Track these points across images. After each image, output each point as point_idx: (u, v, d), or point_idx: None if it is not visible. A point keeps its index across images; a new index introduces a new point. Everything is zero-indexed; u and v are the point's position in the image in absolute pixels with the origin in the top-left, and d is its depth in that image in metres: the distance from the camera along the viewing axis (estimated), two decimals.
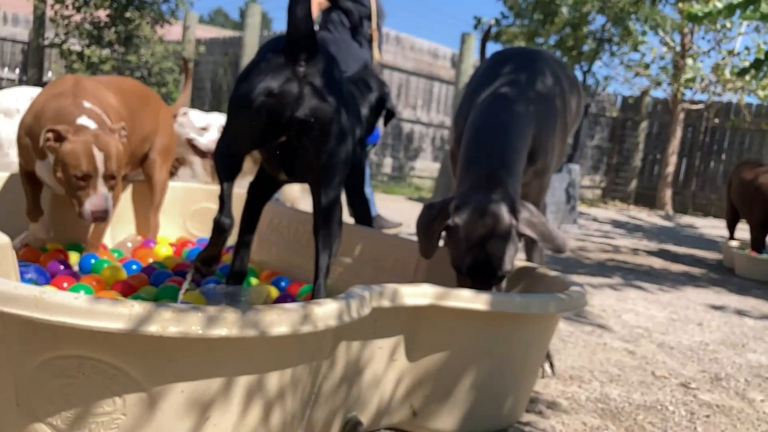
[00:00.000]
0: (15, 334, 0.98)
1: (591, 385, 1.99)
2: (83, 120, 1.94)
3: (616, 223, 7.75)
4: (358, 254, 2.30)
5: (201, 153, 3.30)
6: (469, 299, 1.37)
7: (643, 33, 9.66)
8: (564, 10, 8.56)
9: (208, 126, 3.32)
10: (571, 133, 2.23)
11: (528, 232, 1.60)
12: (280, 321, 1.01)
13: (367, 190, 3.63)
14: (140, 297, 1.87)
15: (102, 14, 8.26)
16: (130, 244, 2.60)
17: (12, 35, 10.14)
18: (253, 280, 2.19)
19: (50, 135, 1.87)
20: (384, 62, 9.42)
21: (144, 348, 0.97)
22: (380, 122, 2.21)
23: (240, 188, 1.86)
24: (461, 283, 1.61)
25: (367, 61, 3.69)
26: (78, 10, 8.07)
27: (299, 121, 1.45)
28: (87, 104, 2.03)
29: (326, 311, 1.09)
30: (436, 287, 1.38)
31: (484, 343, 1.45)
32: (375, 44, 4.02)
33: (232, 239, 2.59)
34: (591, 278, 3.80)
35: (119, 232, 2.71)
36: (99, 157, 1.88)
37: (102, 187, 1.90)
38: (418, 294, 1.35)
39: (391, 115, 2.36)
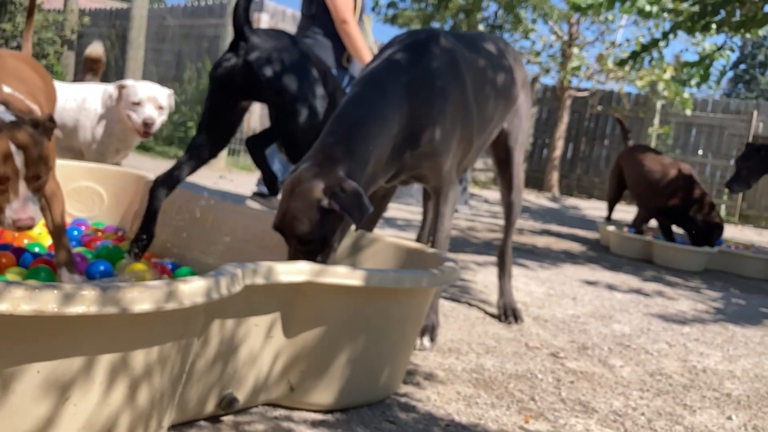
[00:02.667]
0: None
1: (468, 356, 2.08)
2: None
3: None
4: (241, 233, 2.28)
5: (138, 132, 3.09)
6: (344, 275, 1.40)
7: (533, 21, 10.04)
8: None
9: (141, 101, 3.07)
10: (495, 121, 2.26)
11: (333, 206, 1.63)
12: (142, 298, 1.00)
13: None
14: (3, 279, 1.77)
15: None
16: None
17: None
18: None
19: None
20: None
21: None
22: None
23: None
24: None
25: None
26: None
27: (246, 83, 2.07)
28: (7, 89, 1.72)
29: (193, 288, 1.08)
30: (312, 264, 1.40)
31: (360, 318, 1.49)
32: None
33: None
34: (476, 256, 3.96)
35: None
36: (18, 155, 1.56)
37: (24, 191, 1.59)
38: (293, 271, 1.36)
39: None
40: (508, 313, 2.56)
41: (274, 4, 9.08)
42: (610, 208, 5.42)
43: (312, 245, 1.67)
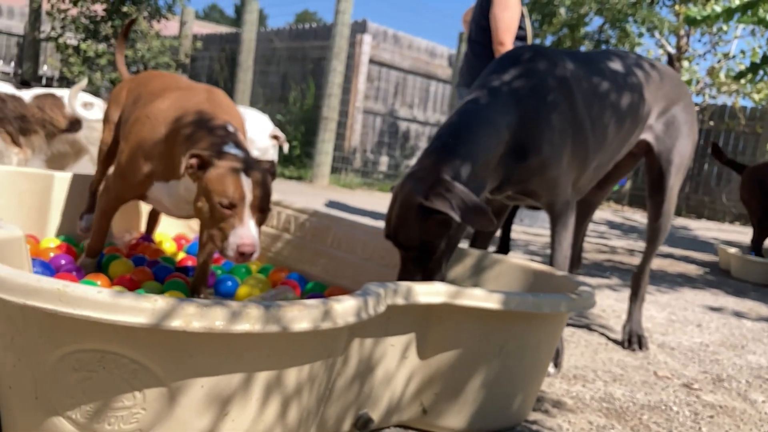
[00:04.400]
0: (35, 327, 0.98)
1: (595, 384, 2.00)
2: (230, 148, 1.69)
3: (612, 224, 7.78)
4: (360, 251, 2.30)
5: None
6: (482, 298, 1.38)
7: (640, 35, 9.70)
8: (562, 11, 8.58)
9: (266, 149, 2.96)
10: (618, 140, 2.17)
11: (436, 205, 1.60)
12: (301, 317, 1.01)
13: None
14: (142, 292, 1.86)
15: (98, 8, 8.24)
16: (126, 238, 2.58)
17: (7, 28, 10.09)
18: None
19: (194, 161, 1.62)
20: (381, 60, 9.43)
21: (165, 343, 0.96)
22: None
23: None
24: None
25: None
26: (74, 4, 8.04)
27: None
28: (230, 127, 1.78)
29: (345, 308, 1.09)
30: (448, 285, 1.38)
31: (495, 342, 1.45)
32: None
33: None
34: (589, 278, 3.82)
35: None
36: (247, 184, 1.62)
37: (249, 218, 1.61)
38: (431, 292, 1.35)
39: None
40: (633, 340, 2.44)
41: (376, 26, 9.25)
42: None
43: (417, 251, 1.68)
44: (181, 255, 2.48)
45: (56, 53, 8.76)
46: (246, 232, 1.58)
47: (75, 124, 3.24)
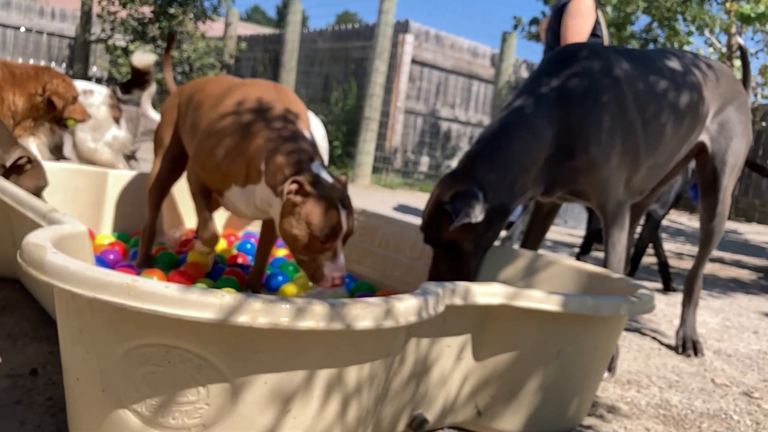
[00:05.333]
0: (103, 321, 0.99)
1: (650, 390, 1.95)
2: (318, 169, 1.61)
3: None
4: (409, 251, 2.29)
5: None
6: (540, 300, 1.35)
7: (689, 34, 9.46)
8: (608, 9, 8.42)
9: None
10: (675, 141, 2.11)
11: (454, 207, 1.66)
12: (364, 315, 1.01)
13: None
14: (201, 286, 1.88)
15: (146, 10, 8.40)
16: (177, 235, 2.62)
17: (59, 30, 10.37)
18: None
19: (294, 187, 1.54)
20: (423, 60, 9.40)
21: (230, 339, 0.97)
22: None
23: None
24: None
25: None
26: (124, 6, 8.21)
27: None
28: (307, 134, 1.71)
29: (407, 307, 1.08)
30: (506, 286, 1.36)
31: (553, 345, 1.43)
32: None
33: None
34: (637, 282, 3.73)
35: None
36: (344, 216, 1.58)
37: (341, 250, 1.60)
38: (489, 293, 1.33)
39: None
40: (687, 345, 2.38)
41: (418, 25, 9.23)
42: None
43: (444, 249, 1.73)
44: (231, 251, 2.50)
45: (105, 54, 8.97)
46: (339, 265, 1.59)
47: None
